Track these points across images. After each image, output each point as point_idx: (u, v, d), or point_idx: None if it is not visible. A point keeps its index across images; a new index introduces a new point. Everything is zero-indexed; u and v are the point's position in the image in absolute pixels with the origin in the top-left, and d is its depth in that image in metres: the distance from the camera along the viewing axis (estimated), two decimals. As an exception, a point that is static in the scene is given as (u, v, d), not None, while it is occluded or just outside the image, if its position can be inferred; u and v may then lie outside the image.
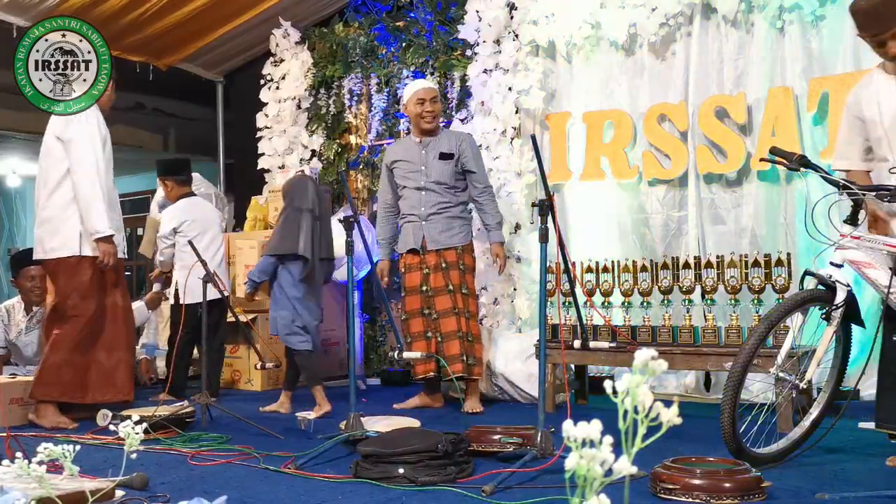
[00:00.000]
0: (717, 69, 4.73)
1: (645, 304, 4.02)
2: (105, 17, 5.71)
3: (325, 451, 2.99)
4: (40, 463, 1.27)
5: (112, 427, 1.54)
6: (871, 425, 3.40)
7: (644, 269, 4.05)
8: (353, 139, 6.32)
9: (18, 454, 1.29)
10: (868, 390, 4.12)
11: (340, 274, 5.06)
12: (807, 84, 4.42)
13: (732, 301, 3.76)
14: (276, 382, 5.29)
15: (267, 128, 6.50)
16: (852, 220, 2.84)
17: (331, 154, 6.29)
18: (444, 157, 4.36)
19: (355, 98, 6.28)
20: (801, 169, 2.91)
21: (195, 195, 5.15)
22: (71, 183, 3.84)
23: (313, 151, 6.34)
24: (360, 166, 6.27)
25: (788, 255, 3.72)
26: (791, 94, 4.45)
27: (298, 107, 6.44)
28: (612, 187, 5.03)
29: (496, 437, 2.96)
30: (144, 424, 1.35)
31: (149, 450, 3.13)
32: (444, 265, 4.29)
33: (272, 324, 4.30)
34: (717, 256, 3.88)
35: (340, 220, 3.47)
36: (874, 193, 2.77)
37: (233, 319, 4.43)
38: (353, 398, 3.31)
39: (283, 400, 4.37)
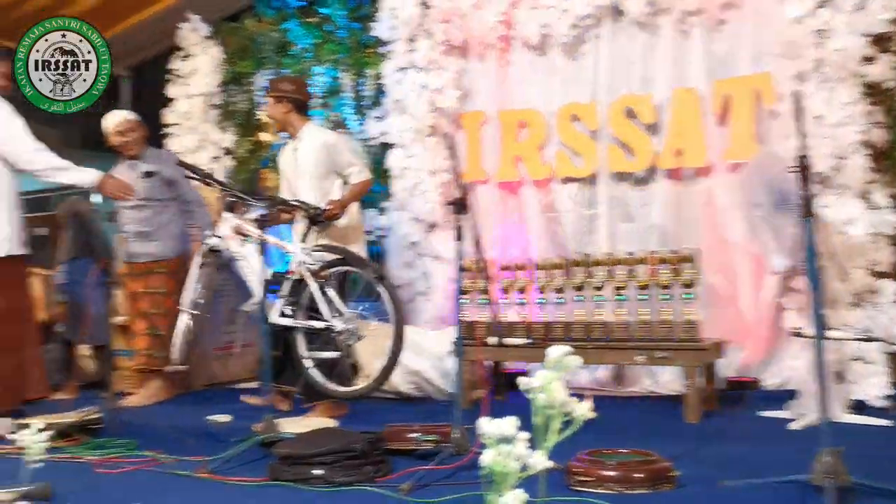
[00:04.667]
0: (625, 70, 4.86)
1: (559, 300, 4.10)
2: (3, 7, 5.44)
3: (238, 454, 2.92)
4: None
5: (9, 437, 1.47)
6: (772, 413, 3.58)
7: (558, 266, 4.13)
8: (264, 136, 6.20)
9: None
10: (770, 379, 4.33)
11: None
12: (710, 85, 4.59)
13: (644, 297, 3.87)
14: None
15: (176, 125, 6.30)
16: None
17: (243, 152, 6.16)
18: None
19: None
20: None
21: None
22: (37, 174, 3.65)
23: (225, 149, 6.19)
24: (272, 164, 6.16)
25: (696, 251, 3.86)
26: (696, 94, 4.61)
27: (209, 103, 6.27)
28: (526, 186, 5.11)
29: (413, 435, 2.96)
30: (49, 432, 1.29)
31: (52, 458, 3.00)
32: None
33: None
34: (628, 253, 4.00)
35: (254, 220, 3.40)
36: None
37: None
38: (269, 400, 3.25)
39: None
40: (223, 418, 3.60)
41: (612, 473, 2.37)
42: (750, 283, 4.46)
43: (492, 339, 4.08)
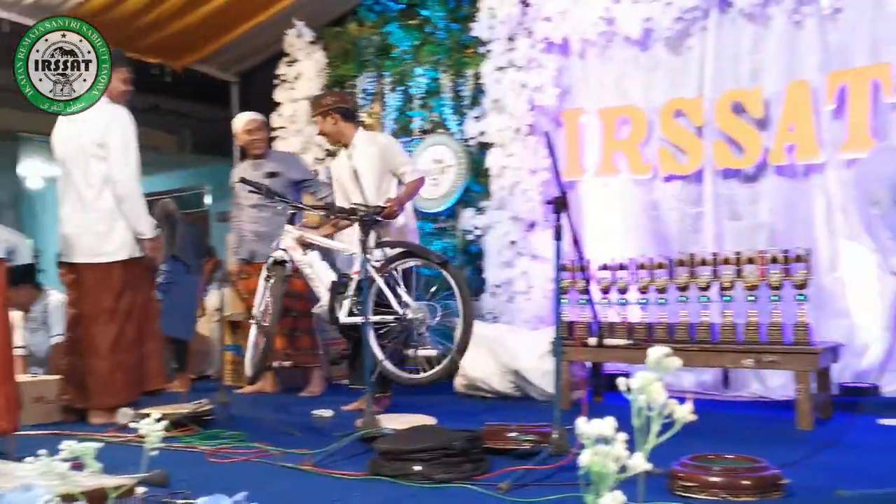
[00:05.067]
0: (733, 63, 4.70)
1: (661, 300, 4.00)
2: (122, 20, 5.76)
3: (341, 448, 3.00)
4: (63, 460, 1.29)
5: (132, 425, 1.56)
6: (892, 422, 3.39)
7: (660, 265, 4.04)
8: (367, 138, 6.33)
9: (42, 451, 1.31)
10: (889, 386, 4.10)
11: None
12: (825, 77, 4.38)
13: (750, 298, 3.74)
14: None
15: (282, 128, 6.52)
16: None
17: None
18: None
19: (369, 97, 6.30)
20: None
21: None
22: (113, 187, 3.90)
23: (328, 151, 6.36)
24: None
25: (808, 250, 3.69)
26: (808, 87, 4.41)
27: (313, 106, 6.45)
28: (627, 183, 5.01)
29: (512, 434, 2.96)
30: (165, 422, 1.37)
31: (169, 447, 3.16)
32: None
33: None
34: (735, 253, 3.86)
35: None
36: None
37: None
38: (370, 396, 3.32)
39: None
40: (327, 413, 3.70)
41: (717, 479, 2.30)
42: (867, 284, 4.23)
43: (592, 340, 4.03)
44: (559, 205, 2.84)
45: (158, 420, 1.33)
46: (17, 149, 10.54)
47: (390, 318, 3.74)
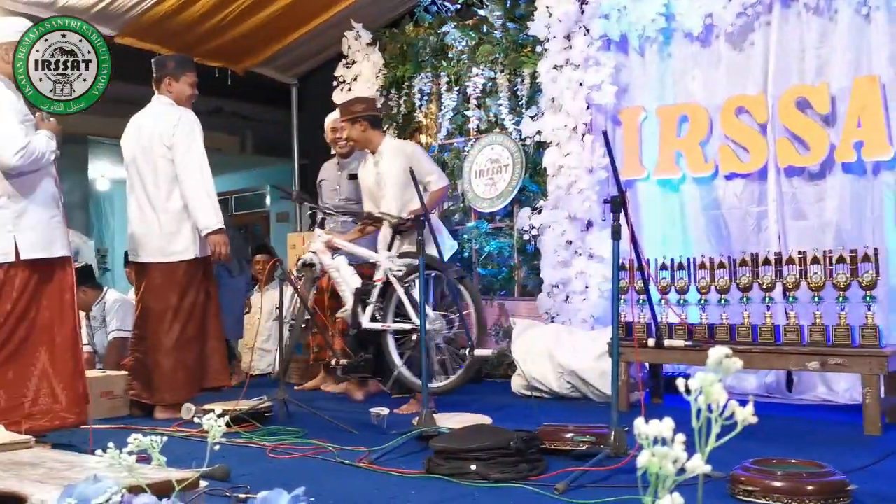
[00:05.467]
0: (798, 59, 4.57)
1: (723, 301, 3.92)
2: (185, 25, 5.91)
3: (398, 446, 3.03)
4: (130, 453, 1.34)
5: (196, 420, 1.60)
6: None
7: (721, 265, 3.96)
8: (423, 138, 6.36)
9: (110, 445, 1.36)
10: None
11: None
12: (895, 72, 4.23)
13: (816, 298, 3.63)
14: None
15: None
16: None
17: (402, 153, 6.34)
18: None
19: (425, 97, 6.33)
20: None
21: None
22: (181, 186, 4.03)
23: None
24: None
25: (876, 250, 3.57)
26: (877, 83, 4.26)
27: (371, 107, 6.51)
28: (688, 182, 4.93)
29: (569, 435, 2.94)
30: (227, 418, 1.40)
31: (230, 443, 3.23)
32: None
33: None
34: (800, 252, 3.76)
35: (412, 219, 3.51)
36: None
37: None
38: (426, 395, 3.34)
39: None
40: (383, 411, 3.74)
41: (780, 484, 2.24)
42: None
43: (650, 341, 3.98)
44: (617, 204, 2.81)
45: (220, 416, 1.37)
46: (87, 151, 10.91)
47: (408, 326, 3.89)
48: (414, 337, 3.95)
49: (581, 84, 5.17)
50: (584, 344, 4.54)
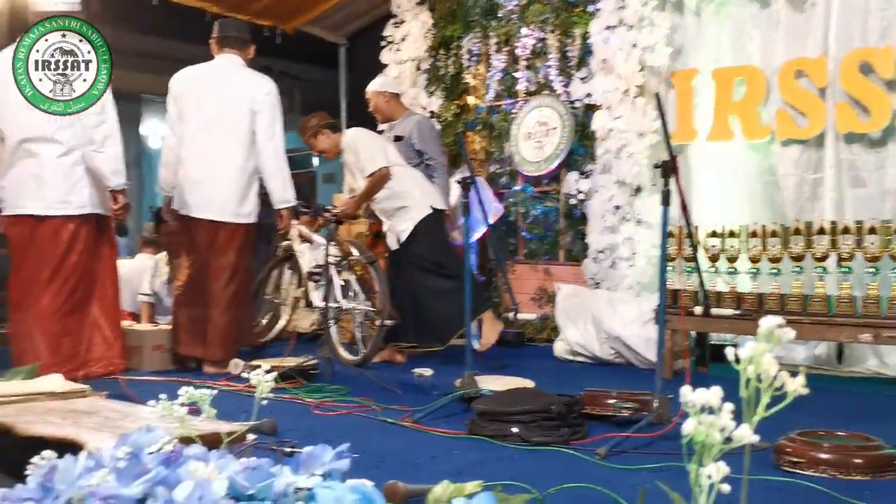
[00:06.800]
0: (861, 20, 4.39)
1: (774, 270, 3.85)
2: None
3: (440, 407, 3.05)
4: (182, 405, 1.38)
5: (244, 375, 1.64)
6: None
7: (774, 234, 3.87)
8: (470, 100, 6.31)
9: (163, 396, 1.40)
10: None
11: (458, 234, 5.12)
12: (965, 35, 4.05)
13: (872, 269, 3.54)
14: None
15: (387, 90, 6.56)
16: None
17: (449, 115, 6.31)
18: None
19: (474, 58, 6.25)
20: None
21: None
22: (262, 156, 4.15)
23: (432, 113, 6.37)
24: (478, 127, 6.26)
25: (937, 220, 3.45)
26: (947, 46, 4.08)
27: (418, 68, 6.47)
28: (742, 148, 4.81)
29: (611, 401, 2.93)
30: (274, 374, 1.43)
31: (277, 398, 3.30)
32: None
33: None
34: (856, 222, 3.65)
35: (458, 181, 3.51)
36: None
37: None
38: (469, 357, 3.36)
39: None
40: (427, 372, 3.77)
41: (827, 456, 2.21)
42: None
43: (697, 309, 3.93)
44: (668, 169, 2.75)
45: (268, 372, 1.39)
46: (140, 109, 11.08)
47: (334, 305, 4.41)
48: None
49: (634, 45, 5.06)
50: (629, 310, 4.50)
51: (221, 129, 4.12)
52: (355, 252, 4.42)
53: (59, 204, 3.69)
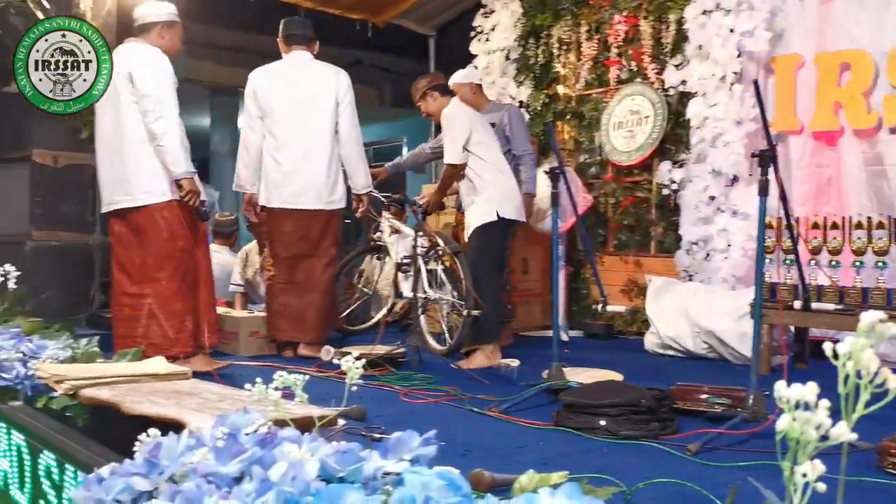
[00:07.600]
0: (982, -1, 4.12)
1: (880, 264, 3.66)
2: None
3: (527, 398, 3.05)
4: (276, 389, 1.43)
5: (335, 361, 1.68)
6: None
7: (881, 226, 3.68)
8: (561, 89, 6.24)
9: (258, 380, 1.45)
10: None
11: (545, 225, 5.08)
12: None
13: None
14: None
15: (477, 80, 6.56)
16: None
17: (538, 105, 6.26)
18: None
19: (564, 47, 6.18)
20: None
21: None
22: (345, 146, 4.31)
23: (521, 102, 6.34)
24: (568, 117, 6.19)
25: None
26: None
27: (507, 58, 6.44)
28: (846, 136, 4.59)
29: (703, 396, 2.86)
30: (364, 360, 1.46)
31: (366, 385, 3.37)
32: None
33: None
34: (972, 213, 3.44)
35: (546, 172, 3.48)
36: None
37: None
38: (556, 349, 3.34)
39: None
40: (513, 363, 3.77)
41: (935, 461, 2.10)
42: None
43: (797, 303, 3.78)
44: (766, 158, 2.66)
45: (358, 359, 1.43)
46: (238, 103, 11.44)
47: (422, 295, 4.38)
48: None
49: (732, 30, 4.89)
50: (723, 304, 4.38)
51: (312, 122, 4.27)
52: (441, 242, 4.45)
53: (143, 195, 3.75)
